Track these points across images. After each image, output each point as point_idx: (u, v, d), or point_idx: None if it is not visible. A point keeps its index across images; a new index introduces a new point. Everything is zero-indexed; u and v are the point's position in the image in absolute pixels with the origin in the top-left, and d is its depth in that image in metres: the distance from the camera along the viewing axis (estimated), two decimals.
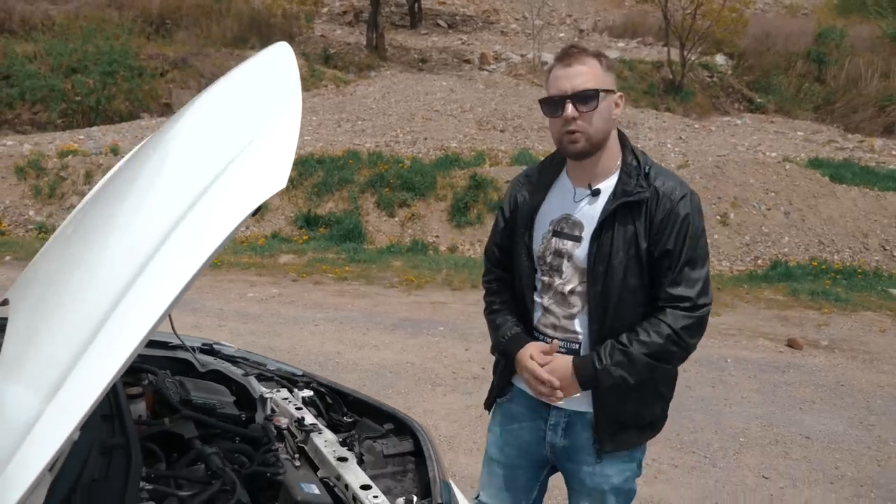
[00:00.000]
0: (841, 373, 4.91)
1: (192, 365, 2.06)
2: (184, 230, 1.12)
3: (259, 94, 1.38)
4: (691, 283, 1.77)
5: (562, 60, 1.78)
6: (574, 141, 1.77)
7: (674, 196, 1.77)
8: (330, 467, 1.64)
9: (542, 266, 1.88)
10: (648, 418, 1.88)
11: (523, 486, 2.03)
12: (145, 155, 1.55)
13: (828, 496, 3.32)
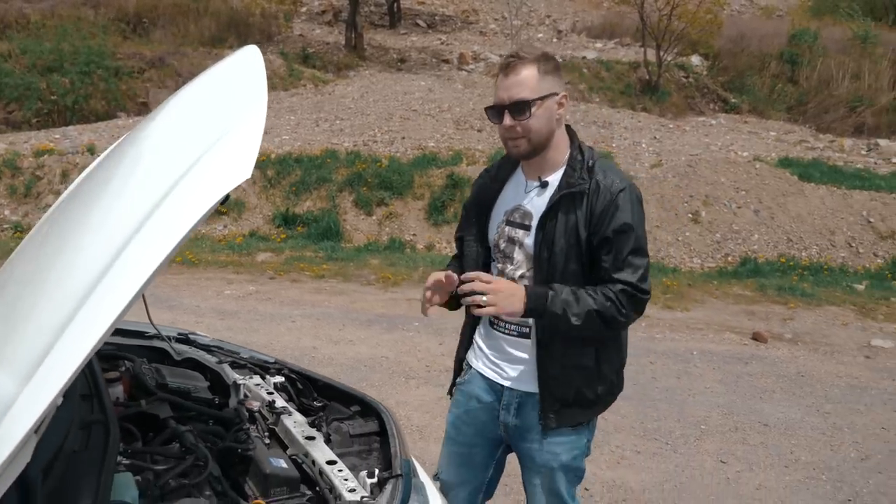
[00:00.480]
0: (802, 364, 5.09)
1: (169, 353, 2.15)
2: (156, 220, 1.21)
3: (228, 94, 1.47)
4: (634, 269, 1.91)
5: (503, 70, 1.92)
6: (516, 145, 1.92)
7: (613, 188, 1.90)
8: (298, 446, 1.74)
9: (496, 253, 2.02)
10: (590, 397, 2.01)
11: (480, 463, 2.16)
12: (121, 152, 1.64)
13: (781, 479, 3.47)
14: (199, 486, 1.52)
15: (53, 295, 1.24)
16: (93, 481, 1.33)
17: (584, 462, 2.12)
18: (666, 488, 3.35)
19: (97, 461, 1.38)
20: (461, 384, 2.16)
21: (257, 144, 1.28)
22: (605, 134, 12.83)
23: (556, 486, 2.08)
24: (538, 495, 2.11)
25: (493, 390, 2.07)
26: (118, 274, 1.16)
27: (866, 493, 3.39)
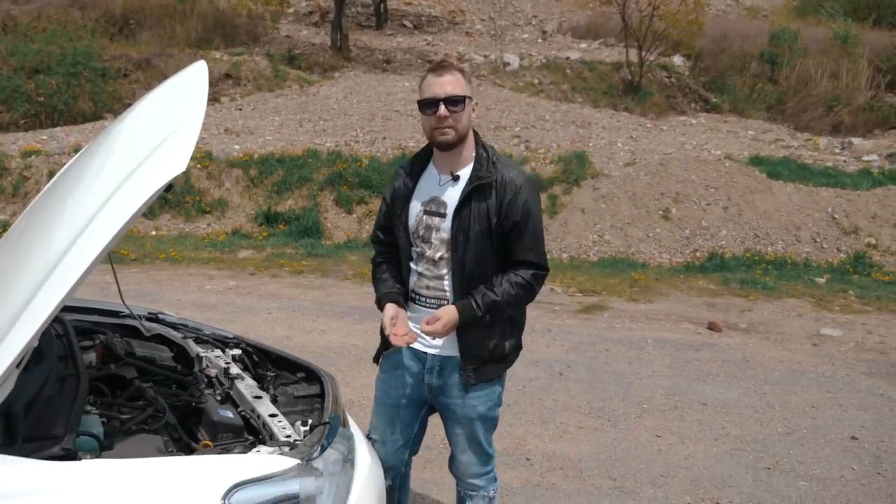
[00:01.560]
0: (749, 350, 5.39)
1: (139, 330, 2.44)
2: (112, 204, 1.54)
3: (176, 103, 1.78)
4: (539, 251, 2.29)
5: (434, 71, 2.25)
6: (445, 133, 2.23)
7: (517, 181, 2.26)
8: (247, 403, 2.06)
9: (416, 239, 2.33)
10: (500, 353, 2.34)
11: (406, 421, 2.46)
12: (90, 151, 1.97)
13: (709, 450, 3.77)
14: (157, 431, 1.86)
15: (31, 264, 1.54)
16: (65, 418, 1.65)
17: (497, 412, 2.46)
18: (601, 458, 3.65)
19: (69, 404, 1.71)
20: (387, 354, 2.45)
21: (193, 143, 1.63)
22: (582, 133, 13.12)
23: (475, 434, 2.42)
24: (461, 444, 2.44)
25: (417, 358, 2.38)
26: (83, 245, 1.46)
27: (785, 462, 3.68)
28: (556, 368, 4.85)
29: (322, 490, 1.75)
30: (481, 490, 2.51)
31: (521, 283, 2.24)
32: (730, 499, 3.33)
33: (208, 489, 1.59)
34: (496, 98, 15.13)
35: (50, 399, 1.74)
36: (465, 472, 2.49)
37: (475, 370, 2.31)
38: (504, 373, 2.43)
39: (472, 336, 2.28)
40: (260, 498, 1.64)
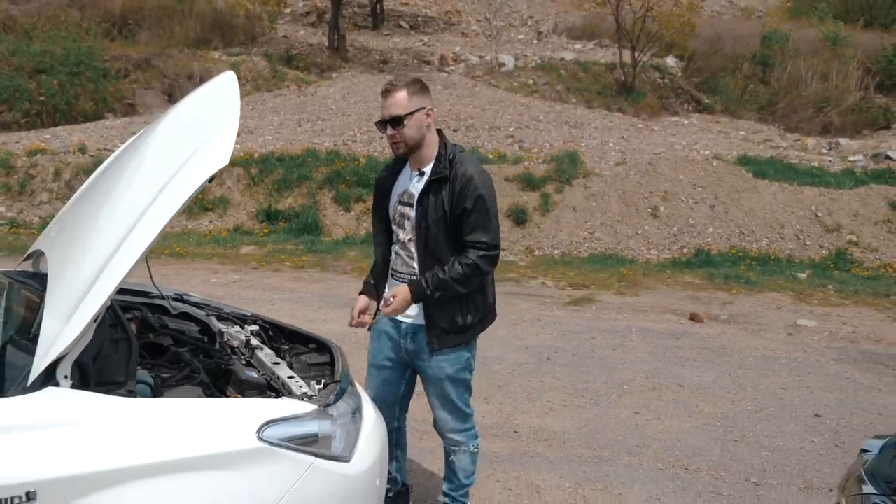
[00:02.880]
0: (727, 339, 5.70)
1: (167, 309, 2.77)
2: (166, 193, 1.89)
3: (212, 107, 2.10)
4: (488, 231, 2.61)
5: (383, 94, 2.66)
6: (397, 147, 2.66)
7: (468, 174, 2.62)
8: (267, 368, 2.39)
9: (394, 224, 2.73)
10: (461, 324, 2.68)
11: (393, 381, 2.85)
12: (131, 152, 2.31)
13: (682, 425, 4.08)
14: (193, 387, 2.20)
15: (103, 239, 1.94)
16: (123, 370, 2.02)
17: (468, 375, 2.82)
18: (582, 432, 3.96)
19: (125, 360, 2.07)
20: (374, 325, 2.85)
21: (233, 141, 2.03)
22: (575, 133, 13.41)
23: (447, 393, 2.78)
24: (437, 402, 2.82)
25: (395, 326, 2.77)
26: (145, 223, 1.83)
27: (751, 435, 3.99)
28: (545, 354, 5.15)
29: (336, 433, 2.10)
30: (462, 445, 2.86)
31: (468, 264, 2.58)
32: (697, 466, 3.64)
33: (246, 424, 1.94)
34: (491, 98, 15.42)
35: (108, 356, 2.08)
36: (443, 427, 2.85)
37: (438, 338, 2.67)
38: (472, 341, 2.77)
39: (434, 310, 2.65)
40: (286, 434, 1.97)
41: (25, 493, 1.63)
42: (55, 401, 1.77)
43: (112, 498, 1.70)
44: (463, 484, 2.92)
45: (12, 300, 2.26)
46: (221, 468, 1.85)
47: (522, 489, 3.37)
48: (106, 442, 1.75)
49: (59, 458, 1.69)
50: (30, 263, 2.72)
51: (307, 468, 1.97)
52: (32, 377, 1.78)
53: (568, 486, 3.40)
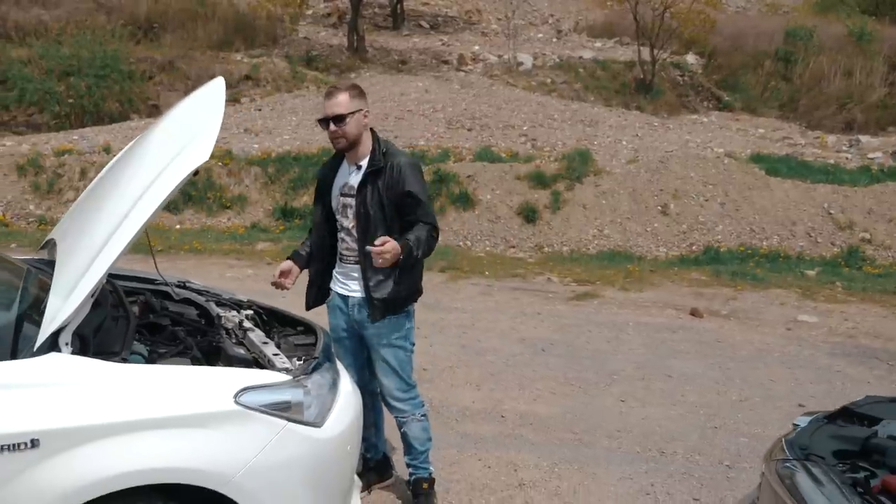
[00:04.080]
0: (723, 333, 5.82)
1: (170, 294, 3.03)
2: (154, 186, 2.17)
3: (200, 110, 2.36)
4: (427, 213, 2.96)
5: (326, 96, 2.97)
6: (338, 142, 2.97)
7: (400, 163, 2.97)
8: (256, 347, 2.64)
9: (339, 215, 3.03)
10: (393, 297, 2.99)
11: (353, 349, 3.17)
12: (135, 148, 2.63)
13: (665, 412, 4.24)
14: (184, 360, 2.46)
15: (100, 224, 2.23)
16: (120, 342, 2.29)
17: (407, 344, 3.11)
18: (567, 417, 4.13)
19: (122, 334, 2.34)
20: (328, 302, 3.19)
21: (214, 140, 2.26)
22: (588, 132, 13.51)
23: (388, 359, 3.07)
24: (380, 368, 3.10)
25: (345, 301, 3.10)
26: (137, 212, 2.14)
27: (732, 423, 4.13)
28: (540, 346, 5.33)
29: (310, 404, 2.34)
30: (409, 413, 3.13)
31: (429, 230, 2.92)
32: (674, 450, 3.79)
33: (225, 389, 2.20)
34: (507, 98, 15.55)
35: (108, 330, 2.37)
36: (388, 393, 3.12)
37: (376, 308, 2.99)
38: (409, 311, 3.10)
39: (372, 283, 2.97)
40: (261, 400, 2.22)
41: (31, 440, 1.89)
42: (57, 364, 2.04)
43: (104, 448, 1.96)
44: (419, 451, 3.17)
45: (28, 282, 2.55)
46: (202, 427, 2.09)
47: (501, 467, 3.56)
48: (99, 400, 2.01)
49: (59, 412, 1.95)
50: (45, 252, 3.00)
51: (279, 430, 2.20)
52: (38, 343, 2.06)
53: (545, 466, 3.58)
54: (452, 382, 4.64)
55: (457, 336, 5.52)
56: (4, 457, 1.86)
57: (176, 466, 2.04)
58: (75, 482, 1.92)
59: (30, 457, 1.89)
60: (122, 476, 1.97)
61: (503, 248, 9.52)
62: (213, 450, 2.08)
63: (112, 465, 1.96)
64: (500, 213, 9.95)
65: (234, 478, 2.08)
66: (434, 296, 6.72)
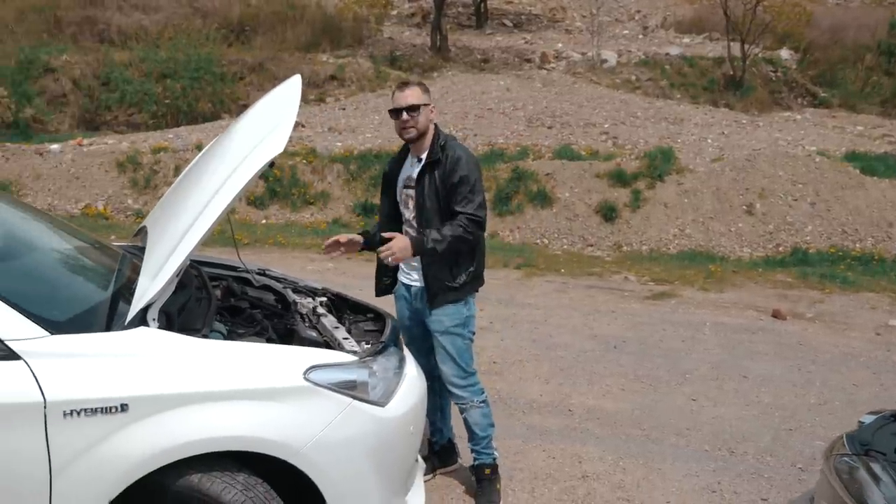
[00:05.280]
0: (806, 336, 5.63)
1: (251, 281, 3.24)
2: (233, 177, 2.36)
3: (276, 107, 2.51)
4: (472, 202, 3.04)
5: (399, 88, 3.18)
6: (408, 132, 3.11)
7: (455, 156, 3.09)
8: (328, 332, 2.79)
9: (402, 207, 3.19)
10: (451, 286, 3.12)
11: (418, 336, 3.30)
12: (216, 146, 2.89)
13: (738, 413, 4.15)
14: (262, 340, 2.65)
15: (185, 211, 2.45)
16: (202, 320, 2.47)
17: (466, 332, 3.21)
18: (635, 413, 4.10)
19: (204, 313, 2.54)
20: (395, 291, 3.34)
21: (288, 133, 2.44)
22: (673, 130, 13.22)
23: (446, 346, 3.18)
24: (440, 355, 3.21)
25: (408, 289, 3.26)
26: (218, 199, 2.33)
27: (808, 426, 4.00)
28: (612, 343, 5.30)
29: (375, 384, 2.46)
30: (468, 401, 3.22)
31: (457, 226, 3.01)
32: (744, 450, 3.72)
33: (295, 366, 2.34)
34: (589, 95, 15.40)
35: (191, 309, 2.58)
36: (447, 379, 3.22)
37: (435, 297, 3.13)
38: (468, 299, 3.19)
39: (430, 274, 3.10)
40: (329, 378, 2.36)
41: (121, 405, 2.08)
42: (144, 337, 2.23)
43: (185, 415, 2.14)
44: (481, 437, 3.25)
45: (124, 265, 2.80)
46: (273, 400, 2.24)
47: (566, 458, 3.58)
48: (182, 371, 2.19)
49: (146, 381, 2.14)
50: (139, 239, 3.25)
51: (345, 407, 2.33)
52: (129, 318, 2.26)
53: (610, 459, 3.58)
54: (521, 376, 4.68)
55: (528, 331, 5.56)
56: (98, 418, 2.05)
57: (249, 436, 2.18)
58: (159, 445, 2.09)
59: (119, 420, 2.07)
60: (201, 442, 2.13)
61: (580, 247, 9.46)
62: (284, 422, 2.21)
63: (192, 432, 2.12)
64: (578, 212, 9.89)
65: (302, 449, 2.21)
66: (508, 292, 6.77)
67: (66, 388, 2.04)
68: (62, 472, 2.03)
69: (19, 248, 2.83)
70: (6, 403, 2.01)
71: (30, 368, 2.02)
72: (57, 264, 2.83)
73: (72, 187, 10.91)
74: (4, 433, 1.99)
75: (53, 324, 2.13)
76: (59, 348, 2.08)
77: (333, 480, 2.26)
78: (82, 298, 2.46)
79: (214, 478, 2.14)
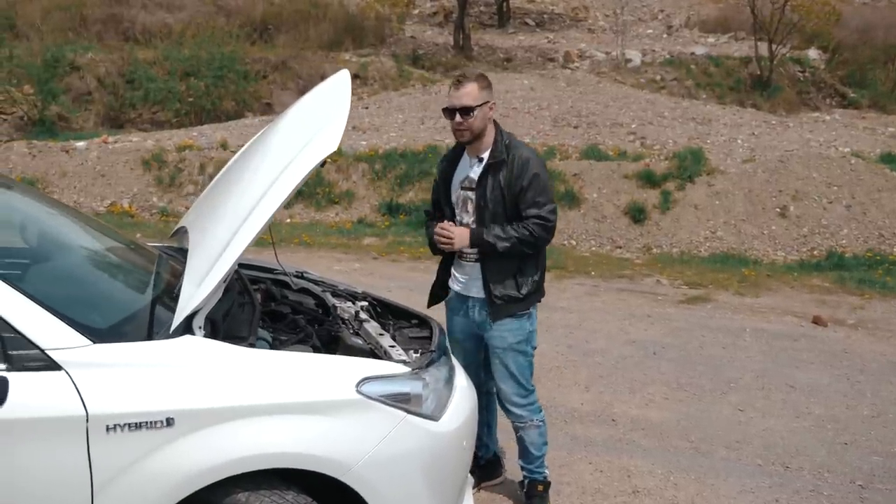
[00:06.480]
0: (850, 343, 5.44)
1: (289, 284, 3.10)
2: (283, 177, 2.23)
3: (324, 104, 2.39)
4: (541, 206, 2.87)
5: (454, 85, 2.92)
6: (462, 135, 2.91)
7: (523, 157, 2.90)
8: (372, 338, 2.65)
9: (458, 209, 2.98)
10: (515, 296, 2.93)
11: (471, 349, 3.12)
12: (258, 144, 2.72)
13: (788, 425, 3.98)
14: (305, 347, 2.51)
15: (230, 213, 2.33)
16: (247, 327, 2.35)
17: (529, 348, 3.03)
18: (681, 424, 3.96)
19: (248, 320, 2.41)
20: (447, 302, 3.17)
21: (342, 130, 2.29)
22: (701, 130, 13.00)
23: (508, 363, 2.99)
24: (499, 372, 3.03)
25: (464, 301, 3.06)
26: (267, 200, 2.19)
27: (864, 440, 3.83)
28: (651, 349, 5.14)
29: (427, 397, 2.33)
30: (527, 419, 3.05)
31: (525, 226, 2.84)
32: (799, 465, 3.56)
33: (347, 378, 2.21)
34: (615, 95, 15.20)
35: (235, 316, 2.44)
36: (506, 398, 3.04)
37: (498, 308, 2.93)
38: (531, 312, 3.00)
39: (492, 282, 2.91)
40: (381, 391, 2.23)
41: (166, 419, 1.95)
42: (191, 346, 2.10)
43: (234, 430, 2.01)
44: (536, 456, 3.10)
45: (161, 268, 2.67)
46: (324, 413, 2.12)
47: (614, 472, 3.44)
48: (230, 383, 2.07)
49: (193, 393, 2.02)
50: (175, 239, 3.14)
51: (399, 422, 2.20)
52: (174, 326, 2.13)
53: (660, 473, 3.44)
54: (560, 383, 4.54)
55: (563, 336, 5.42)
56: (142, 433, 1.93)
57: (300, 452, 2.06)
58: (205, 462, 1.97)
59: (165, 435, 1.95)
60: (250, 458, 2.01)
61: (609, 248, 9.29)
62: (335, 438, 2.09)
63: (241, 448, 2.00)
64: (606, 213, 9.72)
65: (355, 467, 2.09)
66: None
67: (109, 401, 1.93)
68: (104, 489, 1.92)
69: (52, 249, 2.72)
70: (47, 417, 1.90)
71: (71, 380, 1.91)
72: (93, 266, 2.72)
73: (97, 185, 10.91)
74: (45, 448, 1.89)
75: (95, 331, 2.01)
76: (101, 358, 1.96)
77: (386, 499, 2.14)
78: (123, 304, 2.35)
79: (263, 496, 2.02)
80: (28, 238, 2.74)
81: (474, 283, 2.98)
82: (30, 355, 1.91)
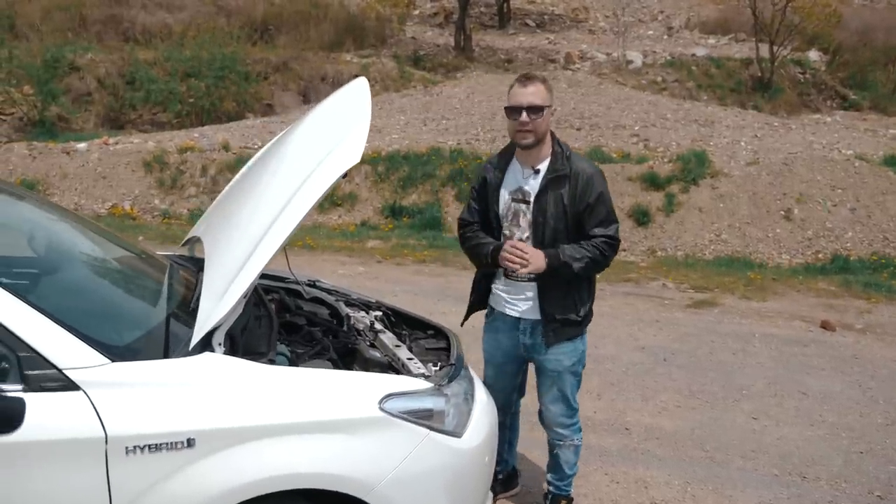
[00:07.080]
0: (860, 348, 5.41)
1: (301, 293, 3.05)
2: (304, 188, 2.15)
3: (344, 113, 2.33)
4: (609, 225, 2.74)
5: (521, 82, 2.71)
6: (525, 137, 2.68)
7: (587, 172, 2.73)
8: (389, 350, 2.58)
9: (504, 222, 2.79)
10: (573, 319, 2.77)
11: (510, 373, 2.99)
12: (275, 152, 2.64)
13: (803, 434, 3.95)
14: (324, 361, 2.45)
15: (250, 227, 2.24)
16: (266, 342, 2.30)
17: (580, 368, 2.91)
18: (696, 433, 3.92)
19: (267, 334, 2.36)
20: (488, 322, 2.97)
21: (363, 142, 2.22)
22: (704, 132, 12.98)
23: (563, 386, 2.88)
24: (552, 395, 2.90)
25: (513, 323, 2.86)
26: (288, 214, 2.12)
27: (880, 449, 3.80)
28: (661, 355, 5.11)
29: (449, 411, 2.28)
30: (568, 439, 2.96)
31: (596, 246, 2.69)
32: (816, 475, 3.53)
33: (369, 395, 2.16)
34: (617, 97, 15.17)
35: (253, 330, 2.38)
36: (553, 420, 2.94)
37: (554, 331, 2.77)
38: (584, 335, 2.87)
39: (548, 305, 2.75)
40: (404, 407, 2.18)
41: (187, 440, 1.90)
42: (211, 364, 2.05)
43: (256, 450, 1.96)
44: (567, 474, 3.03)
45: (173, 279, 2.60)
46: (346, 432, 2.07)
47: (630, 483, 3.41)
48: (251, 402, 2.01)
49: (214, 413, 1.96)
50: (186, 248, 3.07)
51: (422, 439, 2.15)
52: (193, 343, 2.07)
53: (677, 484, 3.40)
54: None
55: None
56: (162, 455, 1.88)
57: (322, 472, 2.02)
58: (227, 484, 1.92)
59: (185, 456, 1.90)
60: (273, 479, 1.96)
61: None
62: (358, 457, 2.05)
63: (263, 468, 1.95)
64: None
65: (378, 486, 2.05)
66: None
67: (128, 421, 1.88)
68: None
69: (62, 260, 2.64)
70: (64, 439, 1.84)
71: (90, 400, 1.86)
72: (105, 278, 2.66)
73: (98, 187, 10.85)
74: (62, 471, 1.83)
75: (113, 349, 1.96)
76: (120, 377, 1.91)
77: None
78: (138, 319, 2.30)
79: None
80: (37, 249, 2.68)
81: (526, 303, 2.80)
82: (47, 375, 1.85)
